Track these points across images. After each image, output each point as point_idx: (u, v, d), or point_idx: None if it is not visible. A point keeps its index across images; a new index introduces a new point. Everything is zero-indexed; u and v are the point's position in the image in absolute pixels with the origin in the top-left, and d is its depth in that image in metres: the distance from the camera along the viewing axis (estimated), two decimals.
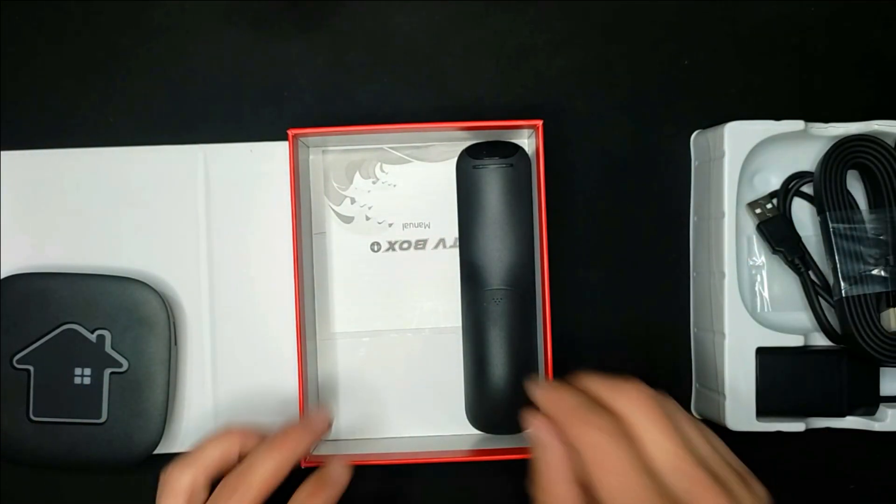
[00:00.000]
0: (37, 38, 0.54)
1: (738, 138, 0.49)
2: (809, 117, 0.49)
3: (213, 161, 0.53)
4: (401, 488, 0.53)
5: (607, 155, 0.54)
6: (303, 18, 0.54)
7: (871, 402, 0.49)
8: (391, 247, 0.53)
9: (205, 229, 0.53)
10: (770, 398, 0.48)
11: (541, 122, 0.48)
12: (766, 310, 0.51)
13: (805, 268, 0.50)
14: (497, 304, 0.49)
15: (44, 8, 0.54)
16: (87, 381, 0.50)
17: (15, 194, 0.53)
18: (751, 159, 0.49)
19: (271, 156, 0.53)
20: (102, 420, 0.50)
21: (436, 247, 0.53)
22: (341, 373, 0.53)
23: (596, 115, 0.54)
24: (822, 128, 0.50)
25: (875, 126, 0.49)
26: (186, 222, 0.53)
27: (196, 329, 0.53)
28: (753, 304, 0.52)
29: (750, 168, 0.51)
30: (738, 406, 0.48)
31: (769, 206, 0.51)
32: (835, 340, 0.49)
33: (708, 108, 0.53)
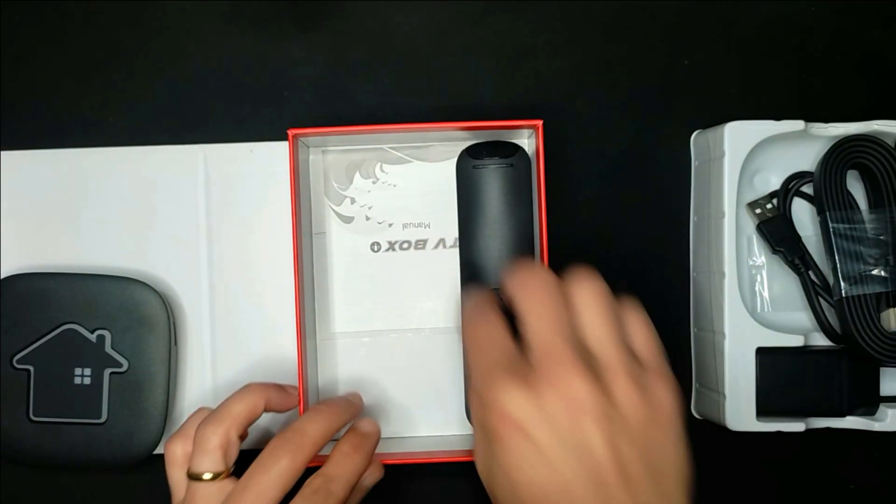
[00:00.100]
0: (37, 38, 0.54)
1: (738, 138, 0.49)
2: (809, 117, 0.49)
3: (213, 161, 0.53)
4: (401, 488, 0.53)
5: (607, 155, 0.54)
6: (303, 18, 0.54)
7: (871, 402, 0.49)
8: (391, 247, 0.53)
9: (205, 229, 0.53)
10: (770, 398, 0.48)
11: (541, 122, 0.48)
12: (766, 310, 0.51)
13: (805, 268, 0.50)
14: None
15: (44, 8, 0.54)
16: (87, 381, 0.50)
17: (15, 194, 0.53)
18: (751, 159, 0.49)
19: (271, 156, 0.53)
20: (102, 420, 0.50)
21: (436, 247, 0.53)
22: (341, 373, 0.53)
23: (596, 115, 0.54)
24: (822, 128, 0.50)
25: (875, 126, 0.49)
26: (186, 222, 0.53)
27: (196, 329, 0.53)
28: (753, 304, 0.52)
29: (750, 168, 0.51)
30: (738, 406, 0.48)
31: (769, 206, 0.51)
32: (835, 340, 0.49)
33: (708, 108, 0.53)
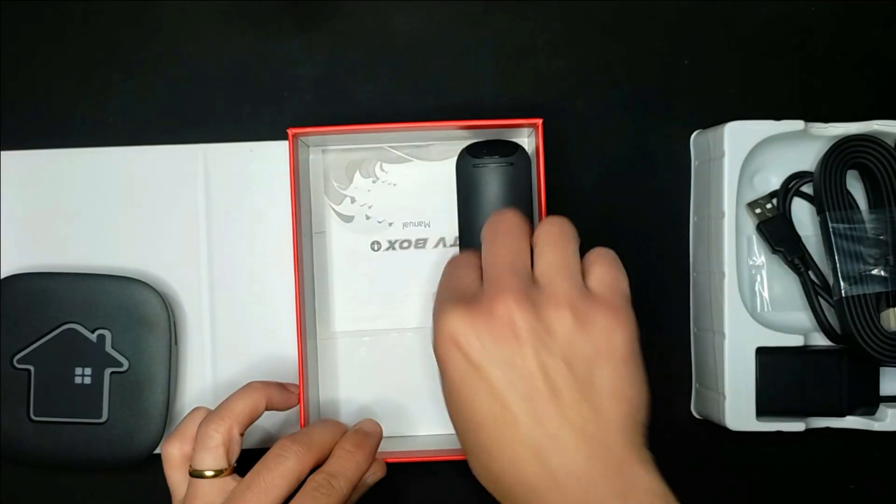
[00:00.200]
0: (37, 38, 0.53)
1: (738, 138, 0.49)
2: (809, 117, 0.49)
3: (213, 161, 0.53)
4: (400, 487, 0.53)
5: (607, 155, 0.54)
6: (303, 18, 0.54)
7: (871, 402, 0.49)
8: (391, 246, 0.53)
9: (205, 229, 0.53)
10: (770, 398, 0.48)
11: (541, 121, 0.48)
12: (766, 310, 0.51)
13: (805, 268, 0.50)
14: None
15: (44, 8, 0.53)
16: (88, 380, 0.50)
17: (15, 194, 0.53)
18: (751, 159, 0.49)
19: (271, 156, 0.53)
20: (103, 420, 0.50)
21: (436, 246, 0.53)
22: (341, 373, 0.53)
23: (596, 115, 0.54)
24: (822, 128, 0.50)
25: (875, 126, 0.49)
26: (186, 222, 0.53)
27: (196, 329, 0.53)
28: (753, 304, 0.52)
29: (750, 168, 0.51)
30: (738, 406, 0.48)
31: (769, 206, 0.51)
32: (835, 340, 0.49)
33: (708, 108, 0.53)
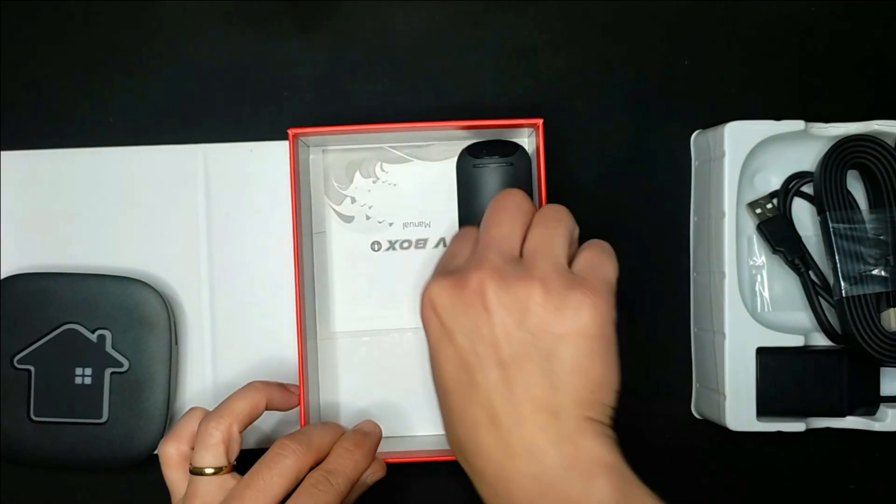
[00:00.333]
0: (37, 38, 0.53)
1: (738, 138, 0.49)
2: (809, 117, 0.49)
3: (213, 161, 0.53)
4: (401, 487, 0.53)
5: (607, 155, 0.54)
6: (303, 18, 0.54)
7: (871, 402, 0.49)
8: (391, 246, 0.53)
9: (205, 229, 0.53)
10: (770, 398, 0.48)
11: (541, 121, 0.48)
12: (766, 310, 0.51)
13: (805, 268, 0.50)
14: None
15: (44, 8, 0.53)
16: (88, 380, 0.50)
17: (15, 194, 0.53)
18: (751, 159, 0.49)
19: (271, 156, 0.53)
20: (103, 420, 0.50)
21: (436, 246, 0.53)
22: (341, 373, 0.53)
23: (596, 115, 0.54)
24: (822, 128, 0.50)
25: (875, 126, 0.49)
26: (186, 222, 0.53)
27: (196, 329, 0.53)
28: (753, 304, 0.52)
29: (750, 168, 0.51)
30: (738, 406, 0.48)
31: (769, 206, 0.51)
32: (835, 340, 0.49)
33: (708, 108, 0.53)
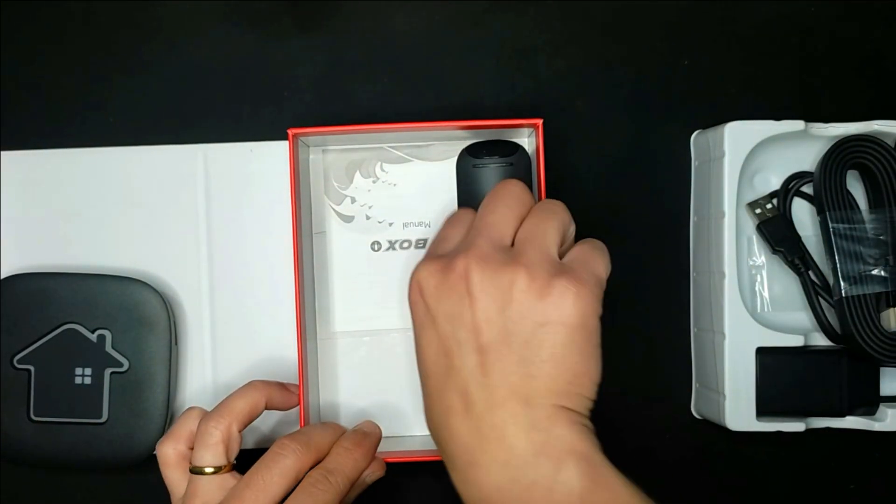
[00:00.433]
0: (37, 38, 0.54)
1: (738, 138, 0.49)
2: (809, 117, 0.49)
3: (213, 161, 0.53)
4: (401, 487, 0.53)
5: (607, 155, 0.54)
6: (303, 18, 0.54)
7: (871, 402, 0.49)
8: (391, 246, 0.53)
9: (205, 229, 0.53)
10: (770, 398, 0.48)
11: (541, 122, 0.48)
12: (766, 310, 0.51)
13: (805, 268, 0.50)
14: None
15: (44, 8, 0.53)
16: (88, 380, 0.50)
17: (15, 194, 0.53)
18: (751, 159, 0.49)
19: (271, 156, 0.53)
20: (103, 420, 0.50)
21: None
22: (341, 373, 0.53)
23: (596, 115, 0.54)
24: (822, 128, 0.50)
25: (875, 126, 0.49)
26: (186, 222, 0.53)
27: (196, 329, 0.53)
28: (753, 304, 0.52)
29: (750, 168, 0.51)
30: (738, 406, 0.48)
31: (769, 206, 0.51)
32: (835, 340, 0.49)
33: (708, 108, 0.53)
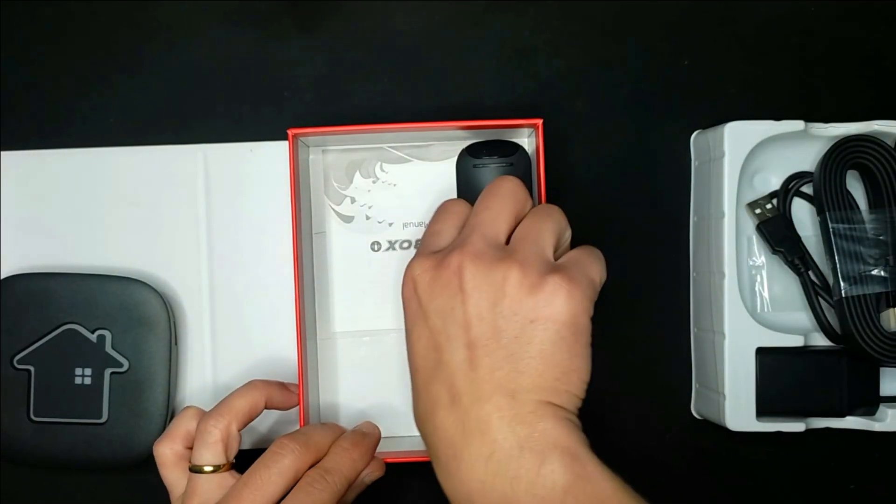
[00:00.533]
0: (37, 38, 0.54)
1: (738, 138, 0.49)
2: (809, 117, 0.49)
3: (213, 161, 0.53)
4: (400, 487, 0.53)
5: (607, 155, 0.54)
6: (303, 18, 0.54)
7: (871, 402, 0.49)
8: (391, 246, 0.53)
9: (205, 229, 0.53)
10: (770, 398, 0.48)
11: (541, 122, 0.48)
12: (766, 310, 0.51)
13: (805, 268, 0.50)
14: None
15: (44, 8, 0.54)
16: (88, 381, 0.50)
17: (15, 194, 0.53)
18: (751, 159, 0.49)
19: (271, 156, 0.53)
20: (103, 420, 0.50)
21: None
22: (341, 373, 0.53)
23: (596, 115, 0.54)
24: (822, 128, 0.50)
25: (875, 126, 0.49)
26: (186, 222, 0.53)
27: (196, 329, 0.53)
28: (753, 304, 0.52)
29: (750, 168, 0.51)
30: (738, 406, 0.48)
31: (769, 206, 0.51)
32: (835, 340, 0.49)
33: (708, 108, 0.53)
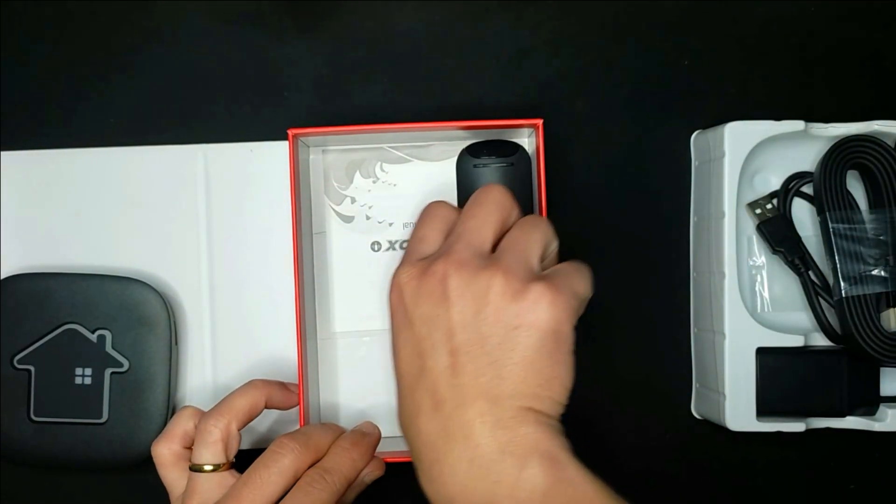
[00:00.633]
0: (37, 38, 0.53)
1: (738, 138, 0.49)
2: (809, 117, 0.49)
3: (213, 161, 0.53)
4: (400, 487, 0.53)
5: (607, 155, 0.54)
6: (302, 18, 0.54)
7: (871, 402, 0.49)
8: (391, 246, 0.53)
9: (205, 229, 0.53)
10: (770, 398, 0.48)
11: (541, 122, 0.48)
12: (766, 310, 0.51)
13: (805, 268, 0.50)
14: None
15: (44, 8, 0.53)
16: (88, 380, 0.50)
17: (15, 194, 0.53)
18: (751, 159, 0.49)
19: (271, 156, 0.53)
20: (103, 420, 0.50)
21: None
22: (341, 373, 0.53)
23: (596, 115, 0.54)
24: (822, 128, 0.50)
25: (875, 126, 0.49)
26: (186, 222, 0.53)
27: (196, 329, 0.53)
28: (753, 304, 0.52)
29: (750, 168, 0.51)
30: (738, 406, 0.48)
31: (769, 206, 0.51)
32: (835, 340, 0.49)
33: (708, 108, 0.53)
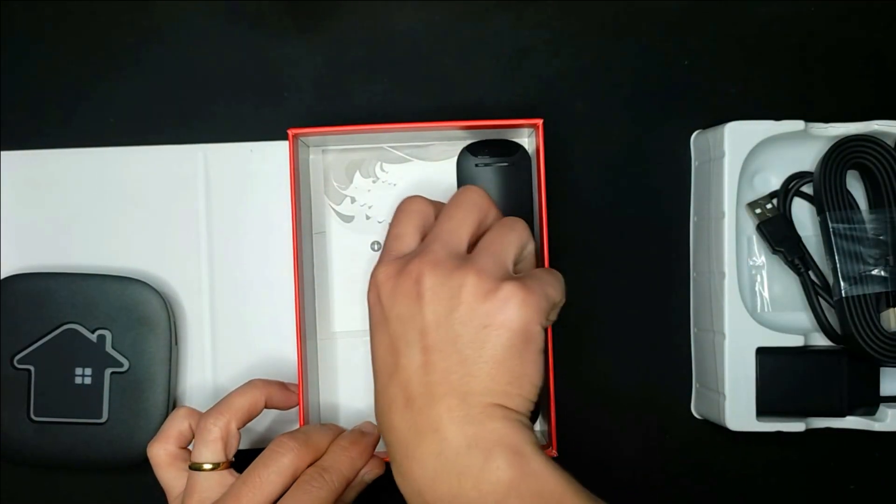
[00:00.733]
0: (37, 38, 0.53)
1: (738, 138, 0.49)
2: (809, 117, 0.49)
3: (213, 161, 0.53)
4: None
5: (607, 155, 0.54)
6: (302, 18, 0.54)
7: (871, 402, 0.49)
8: None
9: (205, 229, 0.53)
10: (770, 398, 0.48)
11: (541, 121, 0.48)
12: (766, 310, 0.51)
13: (805, 268, 0.50)
14: None
15: (44, 8, 0.54)
16: (88, 380, 0.50)
17: (15, 194, 0.53)
18: (751, 159, 0.49)
19: (271, 156, 0.53)
20: (103, 420, 0.50)
21: None
22: (341, 373, 0.53)
23: (596, 115, 0.54)
24: (822, 128, 0.50)
25: (875, 126, 0.49)
26: (186, 222, 0.53)
27: (196, 329, 0.53)
28: (753, 304, 0.52)
29: (750, 168, 0.51)
30: (738, 406, 0.48)
31: (769, 206, 0.51)
32: (835, 340, 0.49)
33: (708, 108, 0.53)
